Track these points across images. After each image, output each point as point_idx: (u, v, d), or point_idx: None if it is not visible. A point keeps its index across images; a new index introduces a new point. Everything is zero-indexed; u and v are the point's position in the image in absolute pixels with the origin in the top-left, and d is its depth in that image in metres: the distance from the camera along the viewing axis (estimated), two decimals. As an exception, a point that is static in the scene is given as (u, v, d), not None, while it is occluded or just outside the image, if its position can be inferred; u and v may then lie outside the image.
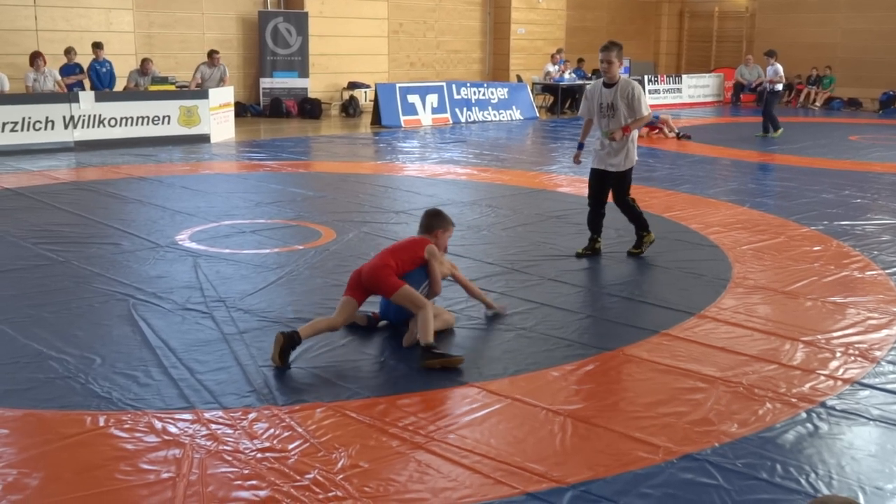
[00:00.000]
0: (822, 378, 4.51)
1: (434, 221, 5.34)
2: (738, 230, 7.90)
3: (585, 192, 7.45)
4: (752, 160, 12.93)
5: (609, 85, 6.81)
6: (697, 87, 23.21)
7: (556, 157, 12.93)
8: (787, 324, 5.35)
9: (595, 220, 7.00)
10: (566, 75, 20.36)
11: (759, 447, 3.75)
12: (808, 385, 4.42)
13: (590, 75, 21.47)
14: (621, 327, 5.28)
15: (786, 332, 5.20)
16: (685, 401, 4.21)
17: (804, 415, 4.08)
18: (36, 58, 13.36)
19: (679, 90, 22.80)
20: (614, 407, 4.15)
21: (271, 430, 3.82)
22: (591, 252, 6.96)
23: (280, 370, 4.50)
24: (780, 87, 15.23)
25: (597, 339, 5.07)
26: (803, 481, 3.49)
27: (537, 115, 19.42)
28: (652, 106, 7.61)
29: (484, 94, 18.70)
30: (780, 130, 15.38)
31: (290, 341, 4.60)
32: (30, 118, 12.32)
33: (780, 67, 15.16)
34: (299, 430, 3.83)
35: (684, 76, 23.42)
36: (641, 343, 4.99)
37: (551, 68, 20.24)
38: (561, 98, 20.25)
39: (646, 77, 21.97)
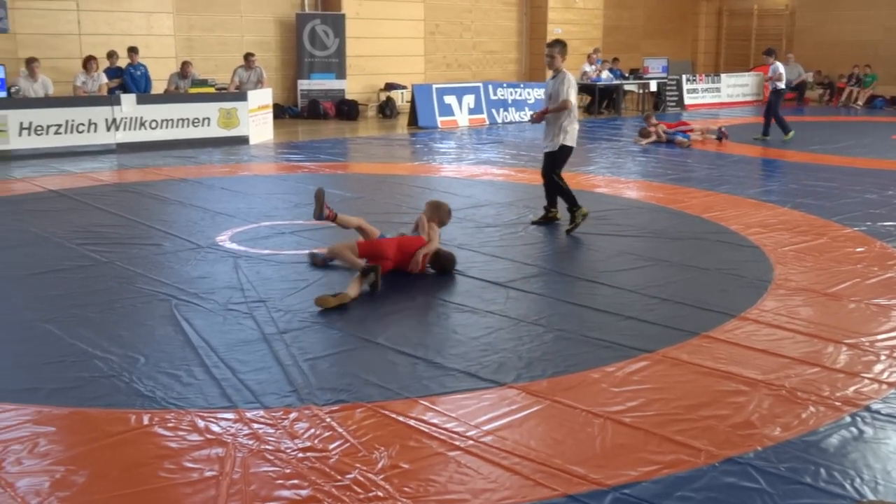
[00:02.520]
0: (867, 381, 4.45)
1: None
2: (780, 231, 7.81)
3: (624, 193, 7.51)
4: (793, 160, 12.77)
5: (553, 77, 7.97)
6: (736, 87, 22.99)
7: (594, 158, 12.87)
8: (830, 326, 5.28)
9: (549, 194, 8.15)
10: (603, 75, 20.26)
11: (803, 451, 3.71)
12: (852, 388, 4.36)
13: (627, 75, 21.36)
14: (661, 329, 5.24)
15: (829, 334, 5.14)
16: (727, 403, 4.18)
17: (848, 418, 4.03)
18: (89, 61, 13.59)
19: (717, 89, 22.59)
20: (655, 409, 4.12)
21: (312, 430, 3.85)
22: (545, 221, 8.04)
23: (319, 371, 4.53)
24: (781, 85, 14.88)
25: (636, 340, 5.04)
26: (848, 486, 3.44)
27: (574, 115, 19.32)
28: (690, 106, 7.72)
29: (520, 95, 18.67)
30: (790, 133, 14.78)
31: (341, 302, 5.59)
32: (73, 121, 12.52)
33: (780, 66, 14.88)
34: (340, 430, 3.85)
35: (723, 75, 23.21)
36: (682, 345, 4.95)
37: (588, 68, 20.15)
38: (598, 98, 20.15)
39: (683, 76, 21.81)
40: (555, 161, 7.97)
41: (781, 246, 7.25)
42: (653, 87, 21.00)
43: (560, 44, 7.96)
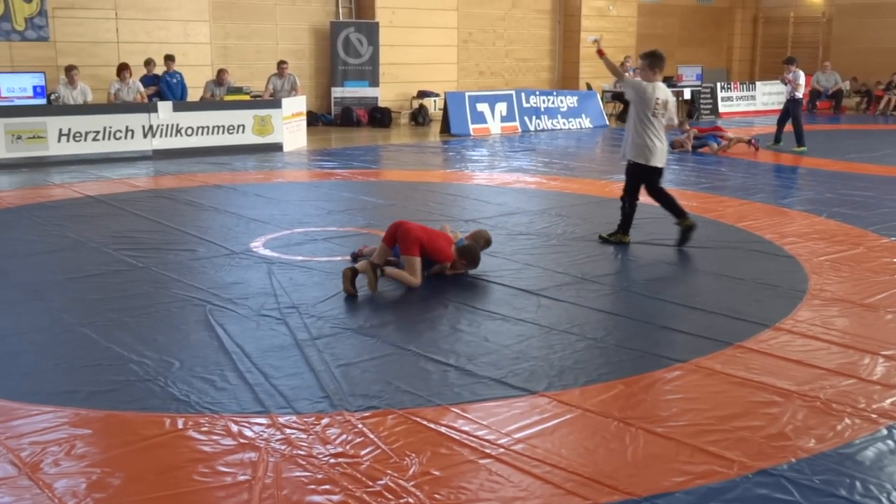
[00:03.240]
0: (904, 394, 4.39)
1: (468, 256, 6.49)
2: (815, 241, 7.73)
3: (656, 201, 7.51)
4: (829, 169, 12.63)
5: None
6: (772, 95, 22.75)
7: (627, 166, 12.80)
8: (866, 337, 5.22)
9: (666, 206, 7.70)
10: (637, 83, 20.16)
11: (838, 463, 3.67)
12: (888, 400, 4.31)
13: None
14: (695, 338, 5.21)
15: (865, 345, 5.07)
16: (760, 414, 4.14)
17: (885, 431, 3.98)
18: (123, 69, 13.80)
19: (753, 97, 22.40)
20: (687, 419, 4.09)
21: (344, 436, 3.88)
22: (688, 231, 7.49)
23: (351, 378, 4.55)
24: (799, 94, 14.64)
25: (669, 350, 5.01)
26: (884, 499, 3.40)
27: (607, 122, 19.29)
28: (724, 114, 7.75)
29: (553, 103, 18.65)
30: (804, 148, 14.41)
31: (353, 274, 6.03)
32: (111, 127, 12.71)
33: (801, 74, 14.65)
34: (371, 436, 3.87)
35: (758, 83, 23.00)
36: (715, 355, 4.92)
37: (621, 76, 20.05)
38: (631, 106, 20.07)
39: (718, 84, 21.65)
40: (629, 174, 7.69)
41: (817, 256, 7.18)
42: (686, 95, 20.87)
43: (651, 56, 7.56)
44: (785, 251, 7.36)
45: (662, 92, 7.44)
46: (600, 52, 7.75)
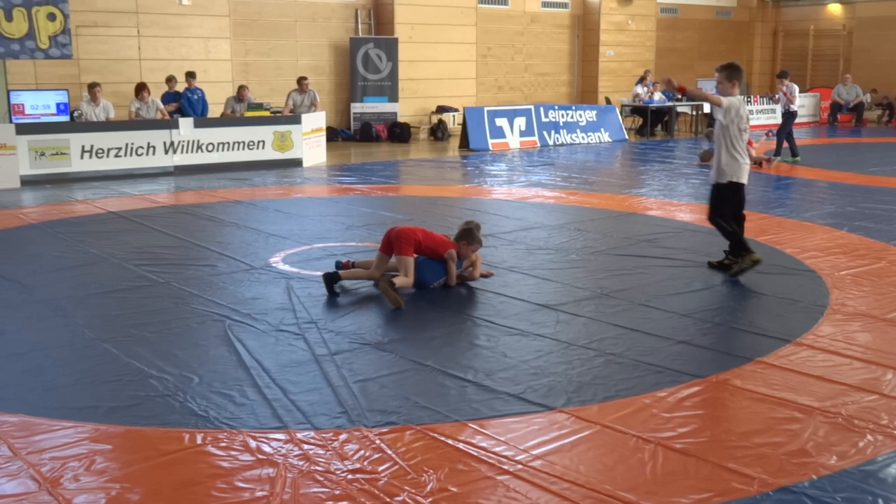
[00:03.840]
0: (928, 410, 4.34)
1: (463, 234, 6.63)
2: (836, 255, 7.67)
3: (676, 215, 7.43)
4: (851, 182, 12.54)
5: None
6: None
7: (646, 180, 12.79)
8: (889, 352, 5.16)
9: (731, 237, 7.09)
10: (655, 96, 20.16)
11: (860, 481, 3.63)
12: (912, 417, 4.26)
13: (679, 97, 21.20)
14: (714, 354, 5.18)
15: (887, 360, 5.02)
16: (781, 431, 4.11)
17: (908, 448, 3.93)
18: (141, 89, 13.95)
19: (773, 111, 22.28)
20: (707, 436, 4.07)
21: (362, 452, 3.88)
22: (751, 265, 6.90)
23: (369, 393, 4.56)
24: (794, 107, 14.70)
25: (689, 365, 4.98)
26: (908, 518, 3.36)
27: (626, 137, 19.27)
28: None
29: (572, 117, 18.65)
30: (797, 157, 14.74)
31: (331, 279, 6.35)
32: (133, 144, 12.83)
33: (795, 87, 14.73)
34: (389, 452, 3.87)
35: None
36: (735, 371, 4.89)
37: (640, 90, 20.07)
38: (651, 120, 20.05)
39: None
40: (715, 196, 7.10)
41: (838, 270, 7.12)
42: (706, 108, 20.81)
43: (728, 68, 7.06)
44: (806, 265, 7.31)
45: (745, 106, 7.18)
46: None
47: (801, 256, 7.62)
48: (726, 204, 7.02)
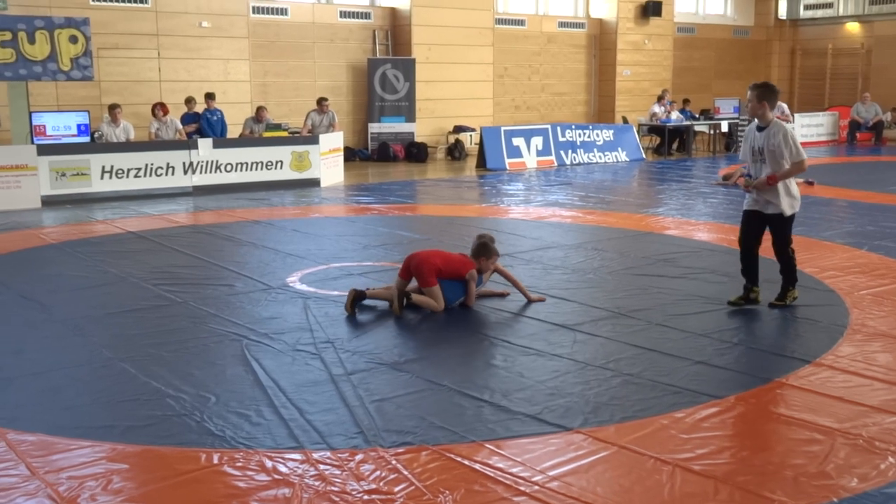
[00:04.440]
0: (950, 432, 4.28)
1: (480, 250, 6.68)
2: (856, 274, 7.61)
3: (694, 235, 7.36)
4: (870, 201, 12.45)
5: (762, 128, 6.38)
6: (811, 127, 22.57)
7: (664, 200, 12.76)
8: (911, 373, 5.11)
9: (748, 267, 6.61)
10: (673, 115, 20.13)
11: (882, 504, 3.59)
12: (934, 439, 4.20)
13: (697, 115, 21.19)
14: (732, 374, 5.14)
15: (909, 382, 4.97)
16: (801, 452, 4.06)
17: (930, 470, 3.88)
18: (156, 108, 14.08)
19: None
20: (726, 457, 4.03)
21: (378, 472, 3.87)
22: (745, 301, 6.59)
23: (386, 413, 4.55)
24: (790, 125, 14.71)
25: (707, 386, 4.94)
26: (930, 542, 3.31)
27: (644, 156, 19.24)
28: None
29: (589, 136, 18.65)
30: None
31: (359, 297, 6.42)
32: (152, 164, 12.94)
33: (785, 106, 14.64)
34: (405, 472, 3.86)
35: (797, 115, 22.81)
36: (754, 391, 4.84)
37: (657, 109, 20.06)
38: (668, 139, 20.01)
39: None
40: (784, 228, 6.48)
41: (858, 290, 7.06)
42: (724, 127, 20.78)
43: (761, 88, 6.36)
44: (825, 285, 7.26)
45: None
46: (772, 179, 6.30)
47: (821, 276, 7.56)
48: (789, 233, 6.54)
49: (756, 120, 6.45)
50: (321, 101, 15.89)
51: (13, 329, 6.15)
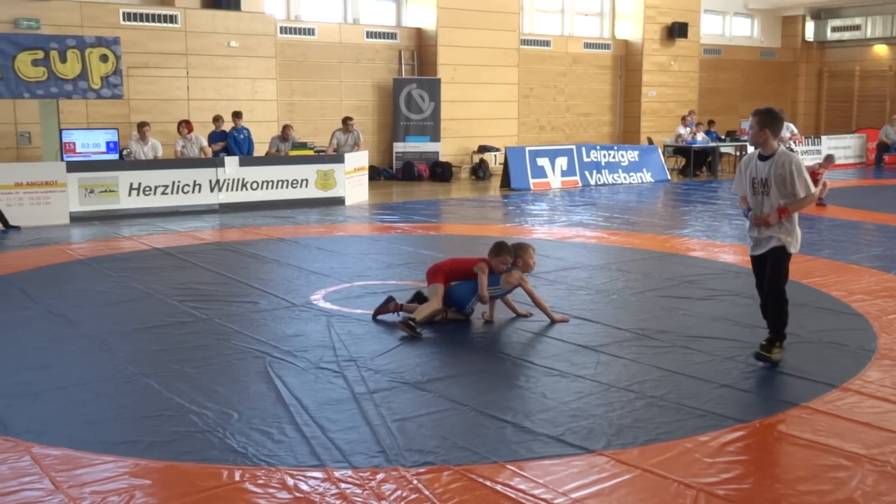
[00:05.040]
0: (981, 460, 4.21)
1: (493, 247, 6.83)
2: (884, 298, 7.52)
3: (719, 257, 7.32)
4: (899, 224, 12.33)
5: (765, 157, 5.78)
6: (838, 149, 22.39)
7: (688, 221, 12.70)
8: (940, 400, 5.03)
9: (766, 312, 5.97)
10: (698, 137, 20.07)
11: (910, 532, 3.52)
12: (964, 467, 4.13)
13: (723, 137, 21.10)
14: (758, 398, 5.09)
15: (938, 408, 4.89)
16: (827, 479, 4.01)
17: (960, 499, 3.81)
18: (181, 126, 14.24)
19: (818, 152, 22.06)
20: (751, 482, 3.98)
21: (399, 492, 3.86)
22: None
23: (407, 432, 4.54)
24: (792, 144, 14.61)
25: (732, 409, 4.89)
26: (960, 572, 3.25)
27: (669, 177, 19.17)
28: None
29: (614, 157, 18.62)
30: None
31: (410, 329, 6.36)
32: (179, 182, 13.07)
33: (792, 126, 14.66)
34: (426, 492, 3.85)
35: (823, 137, 22.68)
36: (779, 416, 4.79)
37: (682, 130, 20.01)
38: (694, 160, 19.93)
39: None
40: (780, 263, 5.81)
41: (886, 314, 6.98)
42: (750, 149, 20.66)
43: (763, 114, 5.74)
44: (852, 309, 7.18)
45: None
46: (784, 211, 5.75)
47: (848, 300, 7.48)
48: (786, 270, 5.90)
49: (757, 149, 5.84)
50: (346, 121, 16.00)
51: (41, 344, 6.21)
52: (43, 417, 4.78)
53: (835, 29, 26.04)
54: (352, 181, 14.62)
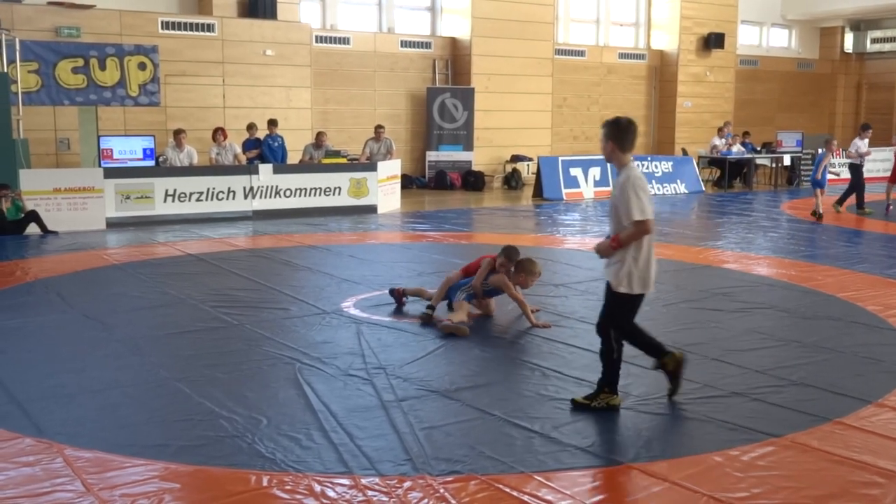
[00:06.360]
0: None
1: (503, 251, 7.14)
2: (922, 313, 7.40)
3: (753, 269, 7.23)
4: (939, 239, 12.12)
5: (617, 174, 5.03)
6: (877, 161, 22.06)
7: (722, 233, 12.59)
8: (978, 417, 4.93)
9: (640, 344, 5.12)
10: (734, 148, 19.89)
11: (945, 552, 3.45)
12: None
13: (759, 148, 20.90)
14: (790, 413, 5.02)
15: (976, 426, 4.79)
16: (860, 495, 3.94)
17: None
18: (216, 133, 14.39)
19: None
20: (781, 497, 3.93)
21: (425, 500, 3.85)
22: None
23: (435, 441, 4.54)
24: (857, 161, 15.02)
25: (764, 424, 4.83)
26: None
27: (703, 188, 19.02)
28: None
29: (648, 168, 18.52)
30: (840, 209, 15.05)
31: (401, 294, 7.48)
32: (214, 188, 13.20)
33: (860, 143, 15.13)
34: (453, 501, 3.84)
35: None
36: (812, 430, 4.72)
37: (717, 142, 19.85)
38: (729, 172, 19.75)
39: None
40: (612, 302, 4.98)
41: (924, 329, 6.86)
42: (787, 161, 20.45)
43: (609, 124, 5.10)
44: (889, 324, 7.06)
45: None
46: (615, 241, 4.98)
47: (884, 314, 7.37)
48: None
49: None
50: (377, 129, 16.07)
51: (76, 348, 6.29)
52: (76, 420, 4.84)
53: (874, 40, 25.72)
54: (384, 189, 14.67)
